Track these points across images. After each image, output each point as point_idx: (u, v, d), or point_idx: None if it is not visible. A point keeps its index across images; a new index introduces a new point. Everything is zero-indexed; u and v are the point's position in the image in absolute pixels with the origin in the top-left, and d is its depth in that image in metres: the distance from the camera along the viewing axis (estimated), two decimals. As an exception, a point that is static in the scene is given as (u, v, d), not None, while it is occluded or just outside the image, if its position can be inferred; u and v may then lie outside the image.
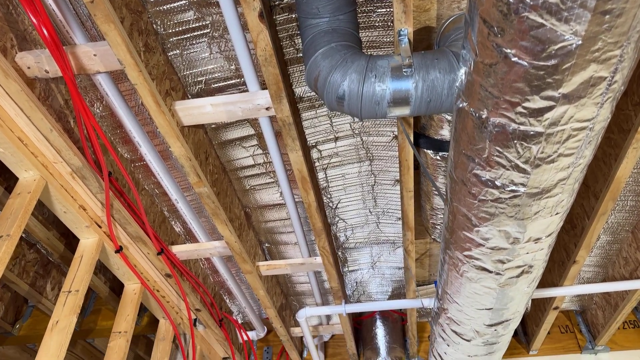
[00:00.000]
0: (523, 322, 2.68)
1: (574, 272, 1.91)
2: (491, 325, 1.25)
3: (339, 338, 2.85)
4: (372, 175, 1.85)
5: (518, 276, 1.05)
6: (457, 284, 1.16)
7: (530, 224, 0.89)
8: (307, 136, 1.64)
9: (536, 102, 0.68)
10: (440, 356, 1.58)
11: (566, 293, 1.95)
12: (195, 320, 2.30)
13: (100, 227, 1.66)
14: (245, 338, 2.52)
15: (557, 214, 0.88)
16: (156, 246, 1.78)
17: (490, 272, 1.04)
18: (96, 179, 1.49)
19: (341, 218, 2.05)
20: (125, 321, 1.75)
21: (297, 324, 2.57)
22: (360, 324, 2.73)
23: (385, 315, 2.65)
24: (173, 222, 1.99)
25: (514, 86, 0.67)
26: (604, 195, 1.55)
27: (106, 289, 2.15)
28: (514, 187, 0.82)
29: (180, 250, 1.91)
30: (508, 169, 0.79)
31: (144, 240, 1.75)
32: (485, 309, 1.18)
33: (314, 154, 1.72)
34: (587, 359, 2.56)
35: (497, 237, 0.94)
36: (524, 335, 2.65)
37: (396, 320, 2.65)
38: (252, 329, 2.72)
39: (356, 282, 2.49)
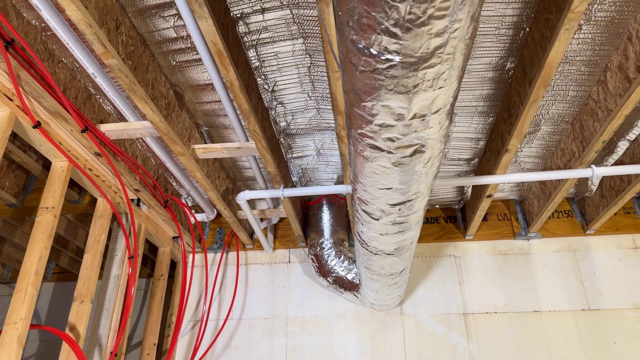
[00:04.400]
0: (463, 209, 2.79)
1: (505, 161, 1.92)
2: (394, 205, 1.27)
3: (288, 221, 2.95)
4: (307, 56, 1.75)
5: (411, 155, 1.03)
6: (359, 163, 1.15)
7: (412, 98, 0.84)
8: (229, 5, 1.50)
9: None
10: (359, 235, 1.64)
11: (491, 181, 1.99)
12: (138, 200, 2.33)
13: (11, 100, 1.57)
14: (191, 219, 2.58)
15: (440, 88, 0.83)
16: (79, 123, 1.72)
17: (383, 150, 1.02)
18: (-8, 45, 1.37)
19: (279, 102, 1.98)
20: (52, 197, 1.75)
21: (244, 207, 2.62)
22: (309, 209, 2.80)
23: (332, 201, 2.71)
24: (101, 100, 1.90)
25: None
26: (535, 81, 1.50)
27: (38, 166, 2.12)
28: (388, 56, 0.76)
29: (109, 129, 1.86)
30: (379, 34, 0.73)
31: (63, 116, 1.68)
32: (386, 189, 1.18)
33: (241, 28, 1.60)
34: (519, 244, 2.72)
35: (383, 112, 0.90)
36: (462, 221, 2.77)
37: (342, 206, 2.73)
38: (202, 211, 2.78)
39: (302, 168, 2.50)
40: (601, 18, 1.54)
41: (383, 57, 0.77)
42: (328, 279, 2.55)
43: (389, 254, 1.63)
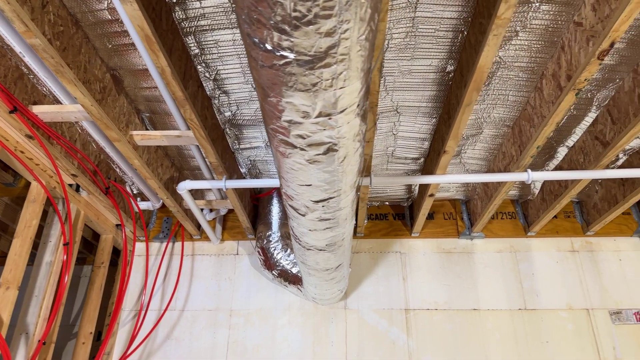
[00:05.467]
0: (411, 207, 2.82)
1: (444, 161, 1.95)
2: (317, 202, 1.27)
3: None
4: (250, 46, 1.72)
5: (325, 153, 1.02)
6: (277, 159, 1.14)
7: (313, 97, 0.84)
8: (164, -9, 1.46)
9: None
10: (292, 229, 1.63)
11: (427, 181, 2.03)
12: (78, 185, 2.26)
13: None
14: (134, 206, 2.52)
15: (341, 88, 0.83)
16: (6, 103, 1.65)
17: (295, 147, 1.01)
18: None
19: (223, 91, 1.95)
20: (-25, 180, 1.67)
21: (190, 197, 2.58)
22: (259, 201, 2.78)
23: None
24: (35, 81, 1.83)
25: None
26: (468, 85, 1.52)
27: (-34, 147, 2.03)
28: (283, 53, 0.75)
29: (42, 111, 1.79)
30: (269, 29, 0.71)
31: (-12, 95, 1.60)
32: (305, 185, 1.18)
33: (178, 14, 1.56)
34: (463, 243, 2.78)
35: (288, 109, 0.89)
36: (410, 219, 2.81)
37: (292, 199, 2.71)
38: (148, 199, 2.72)
39: (250, 160, 2.47)
40: (536, 26, 1.57)
41: (278, 54, 0.76)
42: (273, 272, 2.54)
43: (321, 250, 1.64)
